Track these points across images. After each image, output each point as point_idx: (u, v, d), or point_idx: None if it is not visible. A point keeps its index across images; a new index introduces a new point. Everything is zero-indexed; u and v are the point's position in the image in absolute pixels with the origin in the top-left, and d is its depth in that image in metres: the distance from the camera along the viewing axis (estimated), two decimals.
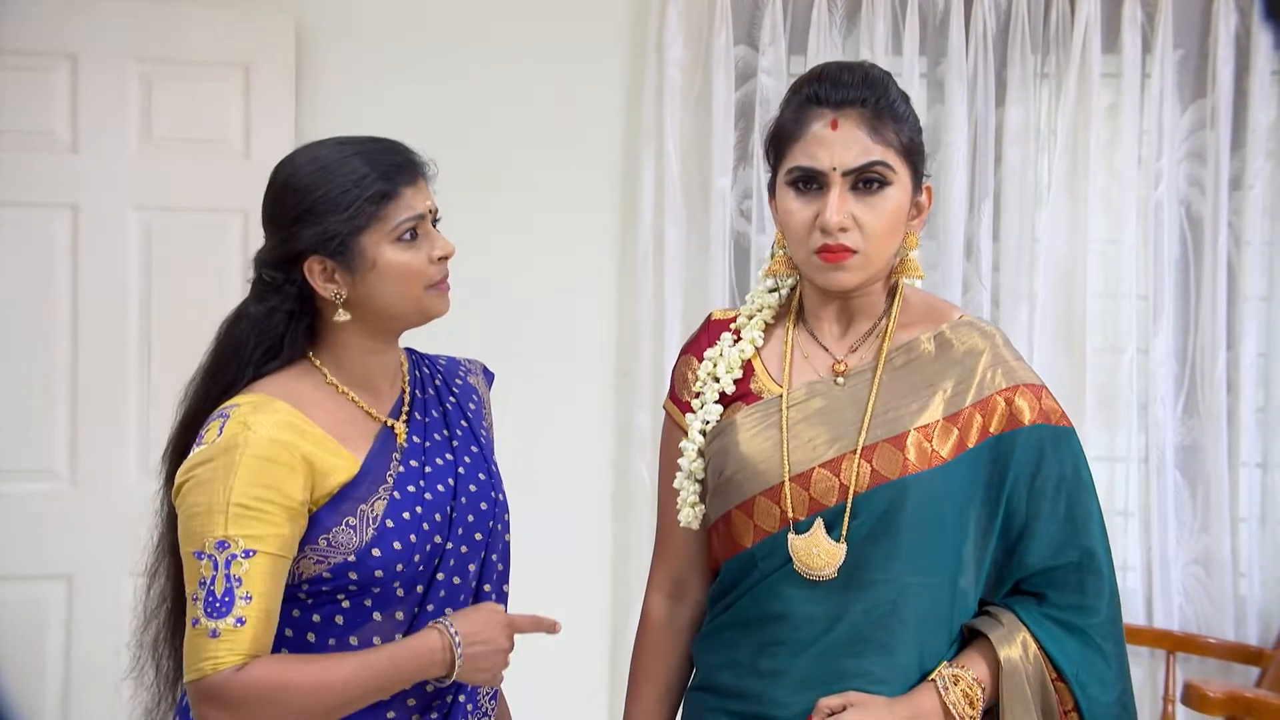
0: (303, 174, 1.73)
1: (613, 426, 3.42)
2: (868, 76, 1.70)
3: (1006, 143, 3.40)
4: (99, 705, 3.28)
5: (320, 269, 1.72)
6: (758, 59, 3.41)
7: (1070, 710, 1.72)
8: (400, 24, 3.46)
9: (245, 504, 1.62)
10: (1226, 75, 3.36)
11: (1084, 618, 1.74)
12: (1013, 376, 1.75)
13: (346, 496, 1.70)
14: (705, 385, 1.80)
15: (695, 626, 1.85)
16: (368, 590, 1.70)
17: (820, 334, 1.79)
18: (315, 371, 1.77)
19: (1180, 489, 3.40)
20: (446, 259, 1.76)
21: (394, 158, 1.75)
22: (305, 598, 1.71)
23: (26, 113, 3.25)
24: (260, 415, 1.68)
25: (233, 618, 1.60)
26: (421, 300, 1.75)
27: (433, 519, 1.76)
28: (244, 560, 1.61)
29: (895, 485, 1.68)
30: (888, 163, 1.68)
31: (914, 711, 1.67)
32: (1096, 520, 1.77)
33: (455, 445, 1.84)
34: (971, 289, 3.41)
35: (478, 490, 1.83)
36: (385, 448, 1.77)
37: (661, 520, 1.89)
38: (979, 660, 1.70)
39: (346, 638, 1.71)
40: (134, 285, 3.30)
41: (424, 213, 1.75)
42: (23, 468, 3.26)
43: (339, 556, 1.68)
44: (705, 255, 3.42)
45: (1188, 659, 3.32)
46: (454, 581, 1.77)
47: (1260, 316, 3.41)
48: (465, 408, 1.90)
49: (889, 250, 1.72)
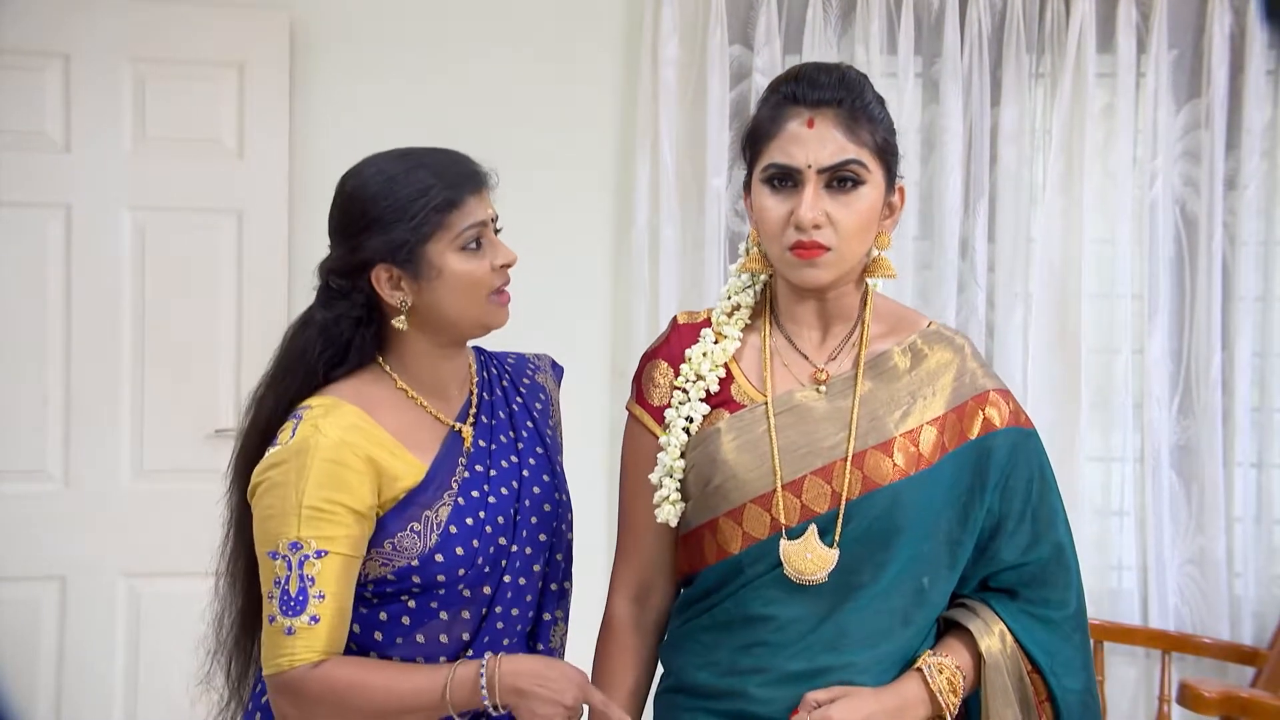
0: (370, 185, 1.77)
1: (608, 425, 3.42)
2: (844, 77, 1.73)
3: (1001, 142, 3.41)
4: (92, 705, 3.27)
5: (387, 276, 1.76)
6: (753, 58, 3.41)
7: (1044, 700, 1.78)
8: (394, 23, 3.46)
9: (317, 506, 1.68)
10: (1221, 75, 3.36)
11: (1055, 610, 1.79)
12: (984, 383, 1.81)
13: (412, 502, 1.74)
14: (689, 383, 1.79)
15: (659, 629, 1.87)
16: (432, 592, 1.74)
17: (798, 339, 1.81)
18: (385, 376, 1.81)
19: (1175, 489, 3.40)
20: (509, 267, 1.79)
21: (459, 167, 1.79)
22: (372, 597, 1.75)
23: (19, 112, 3.25)
24: (330, 418, 1.72)
25: (307, 615, 1.67)
26: (484, 308, 1.78)
27: (496, 522, 1.79)
28: (316, 561, 1.67)
29: (886, 491, 1.72)
30: (862, 162, 1.70)
31: (901, 700, 1.71)
32: (1062, 517, 1.82)
33: (520, 448, 1.87)
34: (966, 289, 3.41)
35: (541, 492, 1.86)
36: (452, 452, 1.80)
37: (625, 524, 1.88)
38: (961, 649, 1.75)
39: (413, 635, 1.75)
40: (127, 285, 3.29)
41: (486, 220, 1.79)
42: (15, 468, 3.26)
43: (403, 560, 1.73)
44: (700, 254, 3.42)
45: (1183, 659, 3.32)
46: (520, 582, 1.81)
47: (1255, 316, 3.41)
48: (531, 407, 1.93)
49: (861, 249, 1.74)
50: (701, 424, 1.78)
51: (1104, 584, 3.42)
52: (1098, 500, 3.45)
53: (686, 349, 1.82)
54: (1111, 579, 3.45)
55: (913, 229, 3.41)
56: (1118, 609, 3.40)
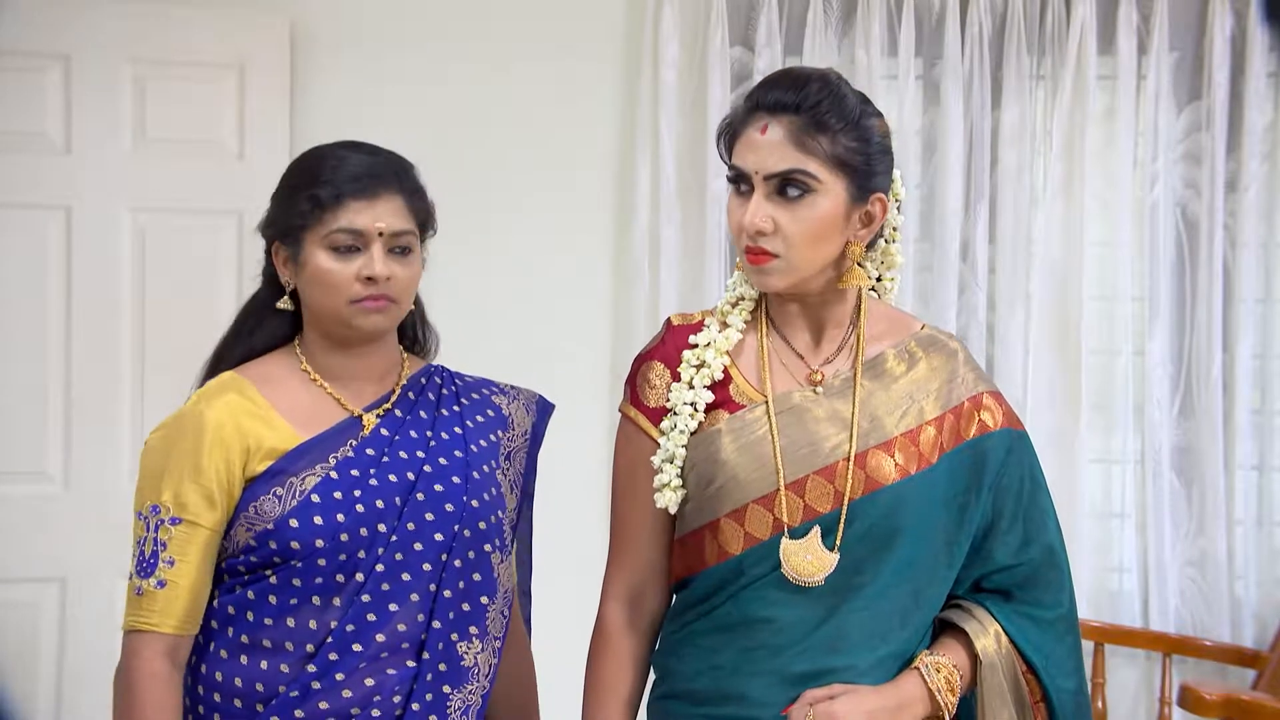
0: (294, 164, 1.85)
1: (607, 428, 3.40)
2: (807, 84, 1.70)
3: (1002, 145, 3.40)
4: (93, 709, 3.27)
5: (281, 255, 1.83)
6: (753, 60, 3.41)
7: (1039, 700, 1.79)
8: (394, 25, 3.46)
9: (180, 475, 1.74)
10: (1222, 77, 3.36)
11: (1048, 611, 1.80)
12: (978, 384, 1.82)
13: (279, 469, 1.77)
14: (692, 370, 1.78)
15: (652, 634, 1.85)
16: (290, 565, 1.74)
17: (794, 341, 1.80)
18: (293, 358, 1.86)
19: (1176, 491, 3.40)
20: (375, 281, 1.77)
21: (364, 170, 1.79)
22: (243, 570, 1.77)
23: (20, 114, 3.24)
24: (214, 395, 1.80)
25: (154, 579, 1.74)
26: (344, 310, 1.79)
27: (373, 504, 1.77)
28: (171, 527, 1.74)
29: (889, 490, 1.72)
30: (809, 171, 1.68)
31: (900, 698, 1.72)
32: (1053, 518, 1.84)
33: (433, 445, 1.85)
34: (967, 291, 3.41)
35: (446, 490, 1.82)
36: (341, 433, 1.81)
37: (618, 527, 1.86)
38: (958, 649, 1.77)
39: (283, 619, 1.75)
40: (128, 287, 3.29)
41: (367, 230, 1.77)
42: (15, 470, 3.25)
43: (261, 525, 1.75)
44: (701, 257, 3.42)
45: (1184, 661, 3.31)
46: (403, 577, 1.77)
47: (1256, 318, 3.41)
48: (469, 418, 1.90)
49: (816, 258, 1.72)
50: (702, 423, 1.76)
51: (1104, 586, 3.42)
52: (1098, 502, 3.44)
53: (683, 349, 1.80)
54: (1112, 581, 3.44)
55: (913, 231, 3.40)
56: (1118, 611, 3.39)
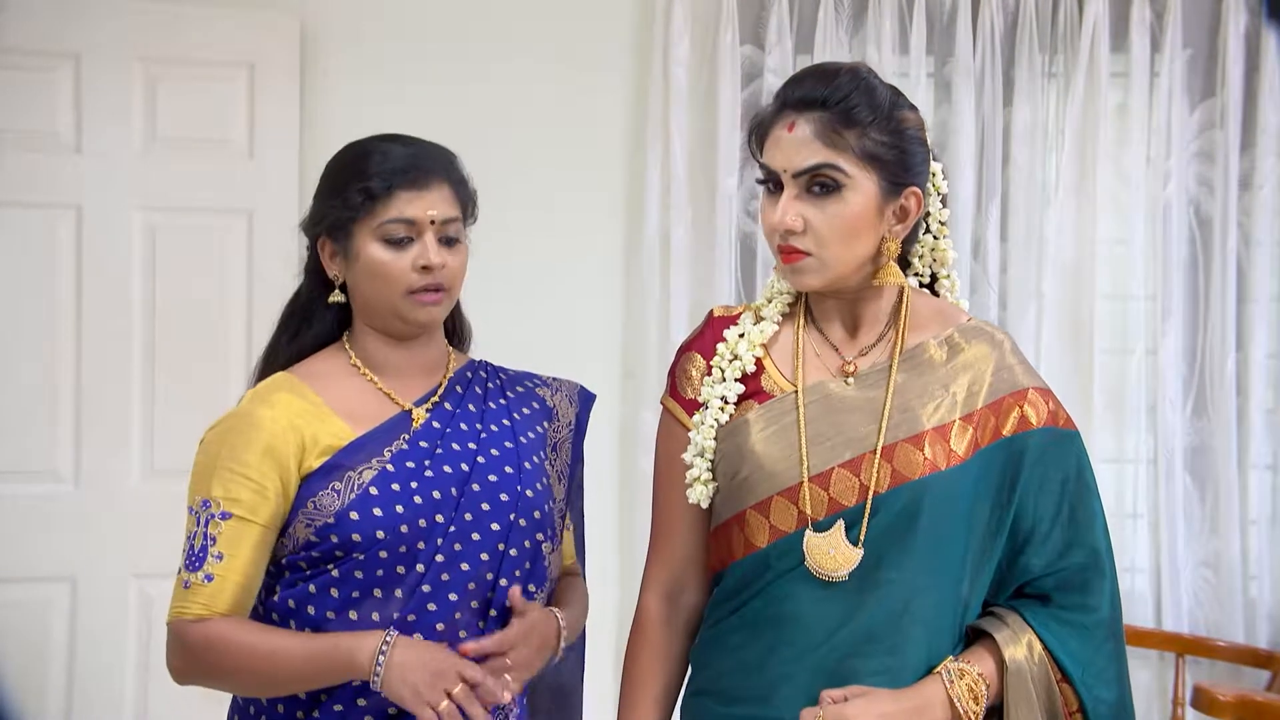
0: (337, 157, 1.85)
1: (618, 427, 3.41)
2: (835, 79, 1.69)
3: (1014, 143, 3.40)
4: (102, 708, 3.27)
5: (328, 249, 1.83)
6: (764, 58, 3.40)
7: (1075, 711, 1.72)
8: (404, 24, 3.46)
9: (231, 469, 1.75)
10: (1236, 74, 3.35)
11: (1088, 617, 1.73)
12: (1022, 380, 1.76)
13: (336, 464, 1.76)
14: (724, 363, 1.77)
15: (691, 628, 1.84)
16: (352, 558, 1.73)
17: (830, 334, 1.79)
18: (343, 353, 1.86)
19: (1189, 491, 3.39)
20: (430, 270, 1.77)
21: (411, 160, 1.79)
22: (304, 566, 1.77)
23: (30, 113, 3.24)
24: (268, 394, 1.80)
25: (203, 573, 1.74)
26: (399, 302, 1.79)
27: (430, 495, 1.77)
28: (220, 521, 1.74)
29: (915, 485, 1.68)
30: (838, 166, 1.67)
31: (919, 702, 1.66)
32: (1100, 521, 1.77)
33: (484, 437, 1.85)
34: (979, 289, 3.39)
35: (500, 481, 1.83)
36: (394, 428, 1.81)
37: (659, 520, 1.87)
38: (986, 657, 1.70)
39: (345, 612, 1.74)
40: (138, 286, 3.29)
41: (419, 219, 1.77)
42: (26, 469, 3.25)
43: (321, 519, 1.74)
44: (711, 255, 3.41)
45: (1197, 662, 3.30)
46: (461, 568, 1.77)
47: (1270, 317, 3.40)
48: (515, 410, 1.91)
49: (850, 255, 1.70)
50: (733, 414, 1.75)
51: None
52: (1111, 502, 3.40)
53: (719, 341, 1.80)
54: (1125, 581, 3.42)
55: None
56: (1131, 612, 3.38)
